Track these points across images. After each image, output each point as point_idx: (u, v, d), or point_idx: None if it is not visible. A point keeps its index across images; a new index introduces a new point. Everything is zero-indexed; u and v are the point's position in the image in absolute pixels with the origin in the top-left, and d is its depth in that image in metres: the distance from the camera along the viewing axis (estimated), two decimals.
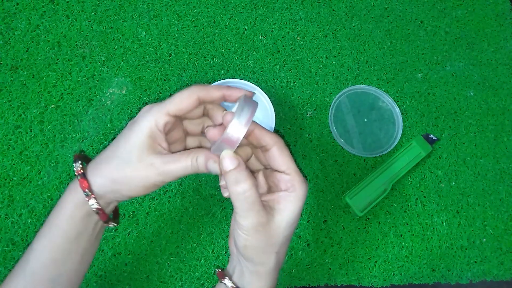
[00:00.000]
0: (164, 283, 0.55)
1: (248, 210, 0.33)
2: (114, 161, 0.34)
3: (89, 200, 0.35)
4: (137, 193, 0.35)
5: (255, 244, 0.34)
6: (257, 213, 0.33)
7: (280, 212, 0.34)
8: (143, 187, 0.35)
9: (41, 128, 0.59)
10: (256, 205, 0.33)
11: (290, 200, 0.35)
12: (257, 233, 0.33)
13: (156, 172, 0.34)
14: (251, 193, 0.33)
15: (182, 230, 0.57)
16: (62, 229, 0.35)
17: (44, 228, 0.36)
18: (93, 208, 0.35)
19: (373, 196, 0.59)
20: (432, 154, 0.65)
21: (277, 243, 0.35)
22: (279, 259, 0.35)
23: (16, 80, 0.60)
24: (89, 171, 0.35)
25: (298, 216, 0.35)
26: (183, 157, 0.34)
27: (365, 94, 0.67)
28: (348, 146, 0.63)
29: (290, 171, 0.35)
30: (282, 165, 0.35)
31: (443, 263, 0.60)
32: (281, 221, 0.34)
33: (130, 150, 0.34)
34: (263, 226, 0.33)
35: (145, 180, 0.34)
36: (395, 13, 0.73)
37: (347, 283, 0.58)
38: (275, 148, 0.35)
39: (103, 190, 0.35)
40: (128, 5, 0.67)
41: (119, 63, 0.64)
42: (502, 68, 0.72)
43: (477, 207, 0.63)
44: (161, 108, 0.34)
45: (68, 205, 0.35)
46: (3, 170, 0.56)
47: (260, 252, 0.34)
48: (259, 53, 0.67)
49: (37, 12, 0.64)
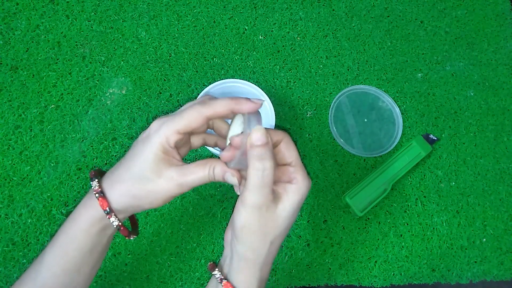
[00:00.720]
0: (164, 283, 0.55)
1: (260, 187, 0.34)
2: (132, 179, 0.35)
3: (110, 218, 0.36)
4: (157, 205, 0.36)
5: (253, 227, 0.35)
6: (266, 193, 0.34)
7: (282, 202, 0.35)
8: (162, 200, 0.36)
9: (41, 128, 0.59)
10: (268, 186, 0.34)
11: (292, 191, 0.36)
12: (259, 213, 0.34)
13: (175, 184, 0.35)
14: (269, 173, 0.34)
15: (182, 230, 0.57)
16: (77, 243, 0.36)
17: (59, 239, 0.36)
18: (114, 225, 0.36)
19: (373, 196, 0.59)
20: (432, 154, 0.65)
21: (274, 232, 0.35)
22: (271, 250, 0.36)
23: (16, 80, 0.60)
24: (106, 189, 0.36)
25: (297, 209, 0.36)
26: (200, 168, 0.36)
27: (365, 94, 0.67)
28: (348, 146, 0.63)
29: (295, 164, 0.37)
30: (288, 157, 0.37)
31: (443, 263, 0.60)
32: (282, 210, 0.35)
33: (147, 167, 0.35)
34: (266, 208, 0.34)
35: (166, 193, 0.35)
36: (395, 13, 0.73)
37: (347, 283, 0.58)
38: (283, 142, 0.37)
39: (123, 206, 0.36)
40: (128, 5, 0.67)
41: (119, 63, 0.64)
42: (502, 68, 0.72)
43: (477, 207, 0.63)
44: (171, 126, 0.35)
45: (86, 220, 0.36)
46: (3, 170, 0.56)
47: (255, 236, 0.35)
48: (259, 53, 0.67)
49: (37, 12, 0.64)
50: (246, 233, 0.35)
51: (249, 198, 0.34)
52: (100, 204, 0.35)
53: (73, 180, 0.57)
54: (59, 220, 0.55)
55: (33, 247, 0.54)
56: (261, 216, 0.34)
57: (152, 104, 0.62)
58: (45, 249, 0.37)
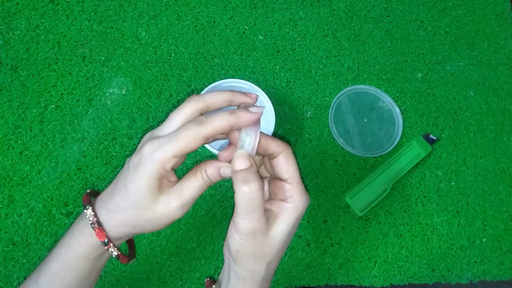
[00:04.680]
0: (164, 283, 0.55)
1: (250, 212, 0.32)
2: (129, 208, 0.33)
3: (108, 248, 0.35)
4: (161, 228, 0.35)
5: (248, 251, 0.33)
6: (258, 218, 0.32)
7: (277, 223, 0.34)
8: (164, 224, 0.34)
9: (41, 128, 0.59)
10: (259, 210, 0.32)
11: (287, 210, 0.34)
12: (253, 239, 0.33)
13: (174, 208, 0.34)
14: (257, 195, 0.32)
15: (182, 230, 0.57)
16: (74, 269, 0.35)
17: (54, 265, 0.35)
18: (113, 255, 0.35)
19: (373, 196, 0.59)
20: (432, 154, 0.65)
21: (270, 254, 0.34)
22: (269, 270, 0.35)
23: (16, 80, 0.60)
24: (102, 218, 0.34)
25: (293, 229, 0.34)
26: (193, 180, 0.34)
27: (365, 94, 0.67)
28: (348, 146, 0.63)
29: (292, 180, 0.34)
30: (285, 173, 0.34)
31: (443, 263, 0.60)
32: (277, 232, 0.33)
33: (141, 196, 0.33)
34: (261, 233, 0.33)
35: (167, 219, 0.34)
36: (395, 13, 0.73)
37: (347, 283, 0.58)
38: (282, 155, 0.34)
39: (121, 235, 0.35)
40: (128, 5, 0.67)
41: (119, 63, 0.64)
42: (502, 68, 0.72)
43: (477, 207, 0.63)
44: (167, 151, 0.32)
45: (84, 247, 0.35)
46: (3, 170, 0.56)
47: (252, 259, 0.34)
48: (259, 53, 0.67)
49: (37, 12, 0.64)
50: (241, 257, 0.34)
51: (241, 224, 0.32)
52: (97, 235, 0.34)
53: (73, 180, 0.57)
54: (59, 220, 0.55)
55: (33, 247, 0.54)
56: (254, 241, 0.33)
57: (152, 104, 0.62)
58: (38, 273, 0.35)
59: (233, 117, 0.33)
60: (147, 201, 0.33)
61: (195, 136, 0.32)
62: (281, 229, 0.33)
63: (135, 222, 0.34)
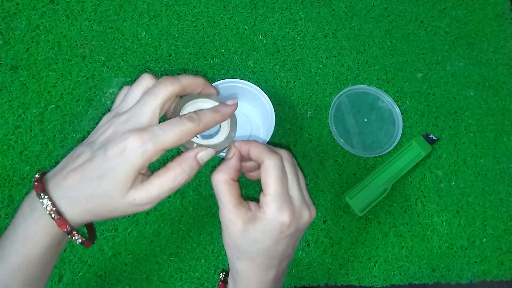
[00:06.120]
0: (164, 283, 0.55)
1: (218, 200, 0.36)
2: (96, 199, 0.32)
3: (72, 237, 0.33)
4: (123, 216, 0.36)
5: (226, 240, 0.36)
6: (223, 207, 0.35)
7: (250, 223, 0.35)
8: (128, 214, 0.34)
9: (41, 128, 0.59)
10: (223, 199, 0.35)
11: (258, 218, 0.35)
12: (226, 228, 0.35)
13: (138, 204, 0.33)
14: (219, 184, 0.35)
15: (182, 230, 0.57)
16: (37, 260, 0.34)
17: (13, 260, 0.33)
18: (78, 242, 0.34)
19: (373, 196, 0.59)
20: (432, 154, 0.65)
21: (239, 248, 0.35)
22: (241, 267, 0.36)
23: (16, 80, 0.60)
24: (61, 206, 0.32)
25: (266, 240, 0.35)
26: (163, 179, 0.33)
27: (365, 94, 0.67)
28: (348, 146, 0.63)
29: (266, 193, 0.35)
30: (263, 184, 0.35)
31: (443, 263, 0.60)
32: (247, 231, 0.35)
33: (114, 188, 0.32)
34: (229, 222, 0.35)
35: (130, 211, 0.33)
36: (395, 13, 0.73)
37: (347, 283, 0.58)
38: (262, 166, 0.35)
39: (81, 222, 0.34)
40: (128, 5, 0.67)
41: (119, 63, 0.64)
42: (502, 68, 0.72)
43: (477, 207, 0.63)
44: (156, 144, 0.31)
45: (45, 237, 0.33)
46: (3, 170, 0.56)
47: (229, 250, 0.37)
48: (259, 53, 0.67)
49: (37, 12, 0.64)
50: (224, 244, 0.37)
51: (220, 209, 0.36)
52: (58, 225, 0.32)
53: None
54: None
55: None
56: (226, 228, 0.35)
57: None
58: None
59: (219, 114, 0.36)
60: (116, 193, 0.32)
61: (188, 133, 0.33)
62: (250, 230, 0.35)
63: (98, 212, 0.33)
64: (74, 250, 0.54)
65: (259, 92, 0.58)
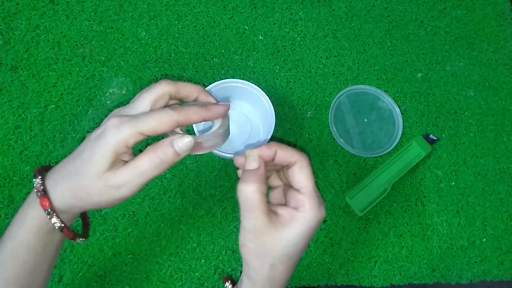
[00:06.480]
0: (164, 283, 0.55)
1: (247, 211, 0.33)
2: (75, 177, 0.33)
3: (51, 218, 0.34)
4: (104, 206, 0.34)
5: (250, 246, 0.34)
6: (255, 218, 0.33)
7: (285, 228, 0.34)
8: (106, 202, 0.34)
9: (41, 128, 0.59)
10: (256, 210, 0.33)
11: (297, 219, 0.34)
12: (254, 235, 0.33)
13: (110, 186, 0.32)
14: (252, 196, 0.33)
15: (182, 230, 0.57)
16: (28, 245, 0.34)
17: (6, 244, 0.34)
18: (56, 226, 0.34)
19: (373, 196, 0.59)
20: (432, 154, 0.65)
21: (272, 256, 0.34)
22: (273, 274, 0.35)
23: (16, 80, 0.60)
24: (49, 187, 0.34)
25: (304, 239, 0.34)
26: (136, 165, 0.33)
27: (365, 94, 0.67)
28: (348, 146, 0.63)
29: (304, 191, 0.35)
30: (298, 183, 0.35)
31: (443, 263, 0.60)
32: (283, 237, 0.34)
33: (91, 166, 0.32)
34: (260, 232, 0.33)
35: (105, 196, 0.33)
36: (395, 13, 0.73)
37: (347, 283, 0.58)
38: (296, 165, 0.35)
39: (66, 207, 0.34)
40: (128, 5, 0.67)
41: (119, 63, 0.64)
42: (502, 68, 0.72)
43: (477, 207, 0.63)
44: (134, 126, 0.32)
45: (33, 220, 0.34)
46: (3, 170, 0.56)
47: (254, 256, 0.34)
48: (259, 53, 0.67)
49: (37, 12, 0.64)
50: (244, 252, 0.35)
51: (242, 221, 0.34)
52: (40, 203, 0.33)
53: None
54: None
55: None
56: (256, 238, 0.33)
57: None
58: None
59: (206, 110, 0.35)
60: (92, 171, 0.32)
61: (167, 120, 0.33)
62: (288, 235, 0.34)
63: (76, 192, 0.33)
64: (74, 250, 0.54)
65: (259, 92, 0.58)
